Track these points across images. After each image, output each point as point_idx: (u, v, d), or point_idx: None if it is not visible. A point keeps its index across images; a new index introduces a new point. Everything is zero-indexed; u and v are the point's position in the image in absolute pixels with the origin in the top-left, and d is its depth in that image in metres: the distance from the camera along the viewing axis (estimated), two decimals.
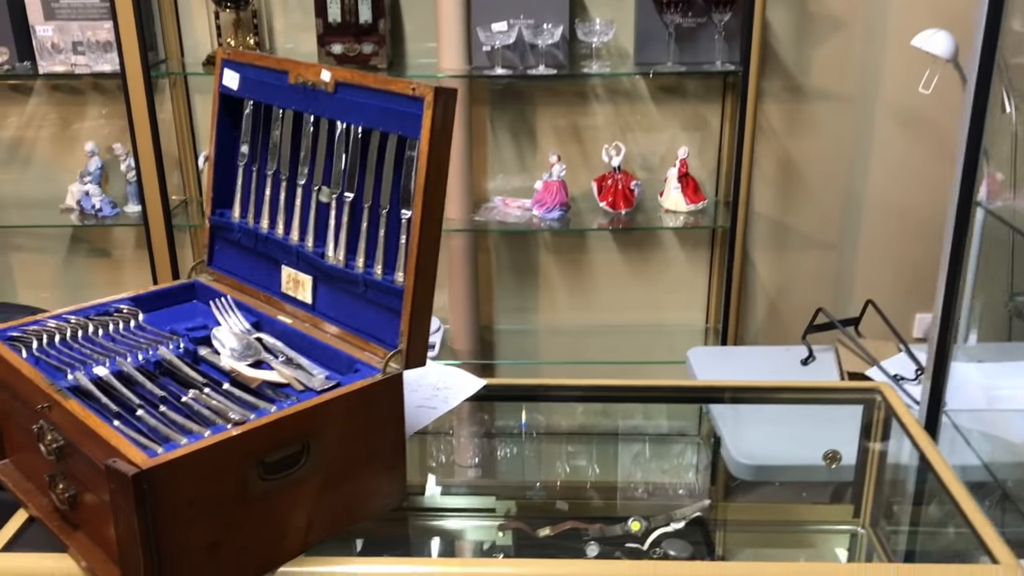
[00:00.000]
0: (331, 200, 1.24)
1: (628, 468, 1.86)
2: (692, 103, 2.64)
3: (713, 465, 1.70)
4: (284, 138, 1.29)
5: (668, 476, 1.72)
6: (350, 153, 1.20)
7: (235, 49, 1.34)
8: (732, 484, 1.68)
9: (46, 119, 2.71)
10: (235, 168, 1.39)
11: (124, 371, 1.15)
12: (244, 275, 1.38)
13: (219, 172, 1.40)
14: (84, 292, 2.89)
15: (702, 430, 1.74)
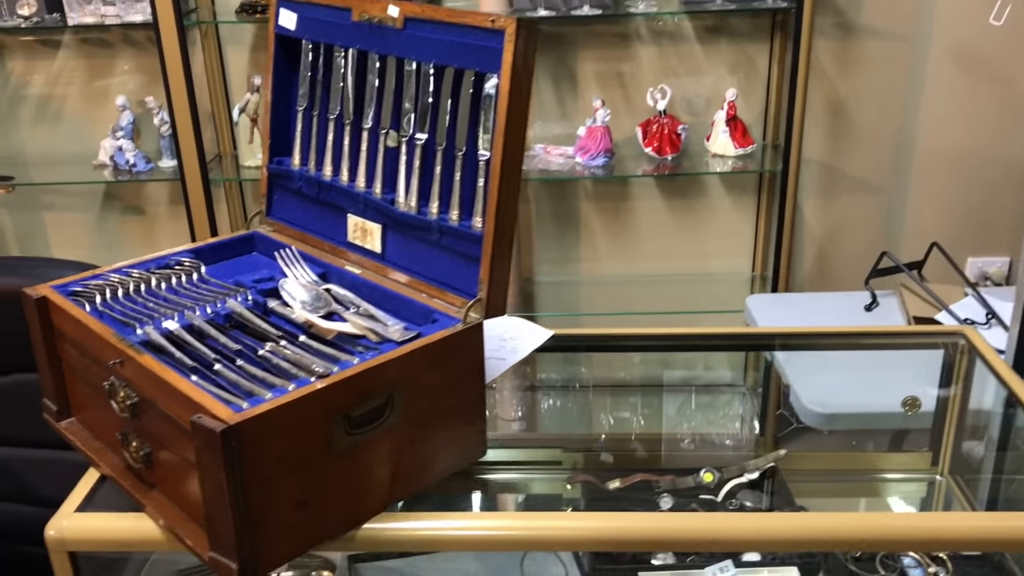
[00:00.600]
0: (399, 144, 1.18)
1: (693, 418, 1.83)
2: (739, 43, 2.56)
3: (782, 414, 1.65)
4: (347, 80, 1.23)
5: (735, 426, 1.69)
6: (421, 93, 1.14)
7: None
8: (803, 433, 1.63)
9: (75, 73, 2.66)
10: (293, 113, 1.33)
11: (194, 325, 1.11)
12: (306, 224, 1.33)
13: (276, 118, 1.34)
14: (118, 249, 2.85)
15: (769, 378, 1.70)
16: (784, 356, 1.68)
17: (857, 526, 1.04)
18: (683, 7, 2.39)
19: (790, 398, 1.63)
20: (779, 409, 1.64)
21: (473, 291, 1.10)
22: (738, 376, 1.82)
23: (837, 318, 1.87)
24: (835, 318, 1.87)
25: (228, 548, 0.93)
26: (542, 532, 1.08)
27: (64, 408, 1.22)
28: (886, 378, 1.55)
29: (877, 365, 1.61)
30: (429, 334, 1.06)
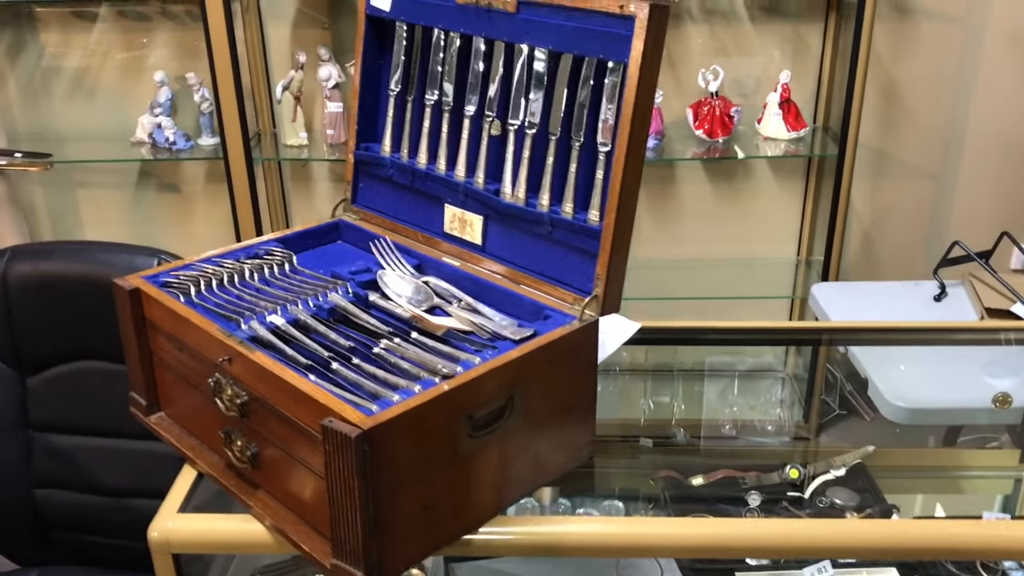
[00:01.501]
0: (503, 132, 1.14)
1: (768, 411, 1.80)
2: (792, 22, 2.51)
3: (862, 408, 1.62)
4: (448, 64, 1.18)
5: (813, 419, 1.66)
6: (533, 80, 1.10)
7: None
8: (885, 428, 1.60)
9: (111, 47, 2.59)
10: (384, 98, 1.28)
11: (300, 319, 1.07)
12: (396, 213, 1.29)
13: (365, 102, 1.30)
14: (154, 228, 2.80)
15: (844, 371, 1.67)
16: (860, 350, 1.65)
17: (957, 535, 1.01)
18: None
19: (868, 392, 1.60)
20: (857, 403, 1.61)
21: (587, 287, 1.06)
22: (810, 368, 1.79)
23: (907, 309, 1.84)
24: (905, 309, 1.84)
25: (353, 555, 0.90)
26: (644, 539, 1.05)
27: (153, 402, 1.18)
28: (969, 373, 1.52)
29: (958, 359, 1.58)
30: (546, 332, 1.03)
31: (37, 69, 2.62)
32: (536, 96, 1.09)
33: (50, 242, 1.60)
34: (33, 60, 2.60)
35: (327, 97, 2.48)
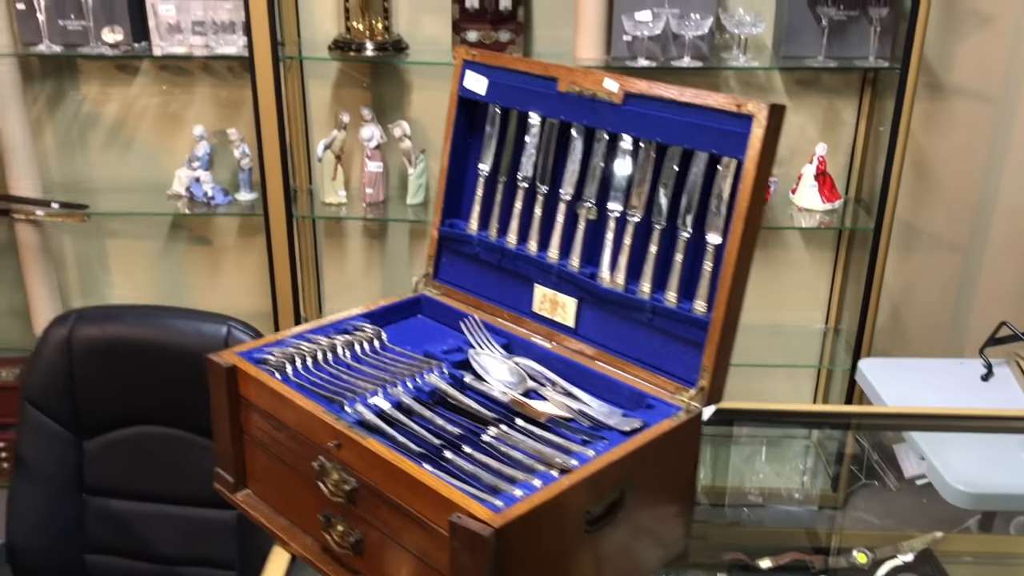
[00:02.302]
0: (601, 217, 1.15)
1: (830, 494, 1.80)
2: (828, 97, 2.55)
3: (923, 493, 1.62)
4: (545, 149, 1.20)
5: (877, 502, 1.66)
6: (637, 169, 1.11)
7: (478, 50, 1.24)
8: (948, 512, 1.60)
9: (150, 101, 2.60)
10: (472, 177, 1.29)
11: (403, 402, 1.06)
12: (481, 291, 1.29)
13: (451, 180, 1.31)
14: (182, 280, 2.79)
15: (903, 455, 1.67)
16: (920, 434, 1.65)
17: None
18: (780, 62, 2.38)
19: (928, 475, 1.60)
20: (920, 488, 1.61)
21: (691, 377, 1.06)
22: (886, 450, 1.79)
23: (955, 388, 1.85)
24: (953, 388, 1.85)
25: None
26: None
27: (241, 479, 1.17)
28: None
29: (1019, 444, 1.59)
30: (653, 423, 1.03)
31: (75, 120, 2.62)
32: (640, 185, 1.11)
33: (117, 306, 1.59)
34: (71, 111, 2.61)
35: (368, 157, 2.49)
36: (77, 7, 2.34)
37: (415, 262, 2.77)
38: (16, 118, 2.46)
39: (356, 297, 2.81)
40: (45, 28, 2.33)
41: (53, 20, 2.35)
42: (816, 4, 2.27)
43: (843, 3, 2.26)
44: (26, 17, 2.36)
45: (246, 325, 1.50)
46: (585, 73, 1.14)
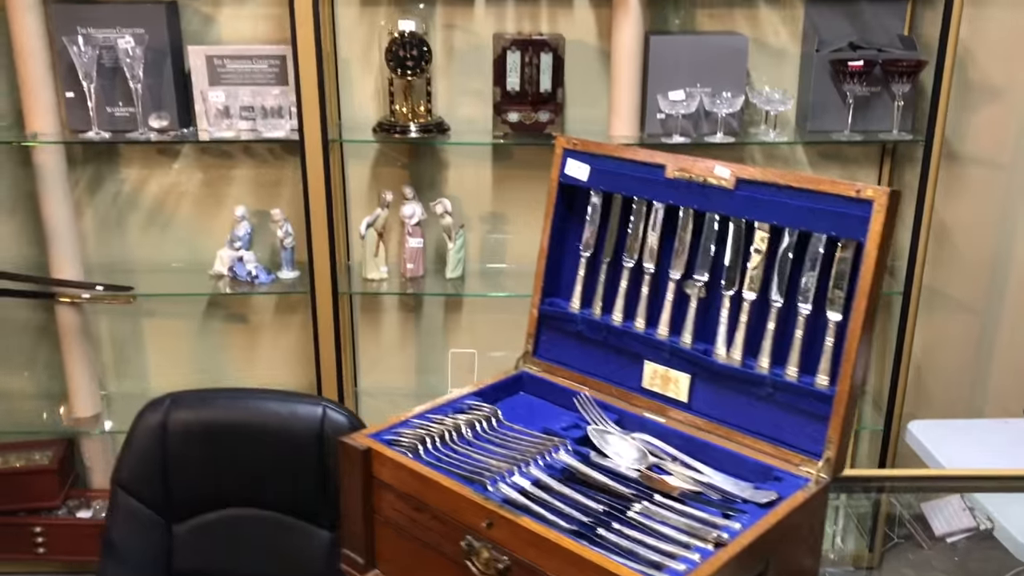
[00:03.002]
0: (707, 295, 1.21)
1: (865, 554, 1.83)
2: (849, 168, 2.65)
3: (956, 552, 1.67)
4: (651, 230, 1.26)
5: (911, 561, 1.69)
6: (748, 249, 1.17)
7: (577, 139, 1.31)
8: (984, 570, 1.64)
9: (190, 183, 2.65)
10: (567, 256, 1.35)
11: (540, 480, 1.10)
12: (585, 367, 1.33)
13: (551, 261, 1.36)
14: (219, 357, 2.81)
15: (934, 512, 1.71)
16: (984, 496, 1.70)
17: None
18: (806, 136, 2.48)
19: (995, 534, 1.65)
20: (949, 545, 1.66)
21: (815, 448, 1.11)
22: (906, 508, 1.84)
23: (1006, 449, 1.91)
24: (1004, 449, 1.91)
25: None
26: None
27: (371, 560, 1.19)
28: None
29: None
30: (787, 494, 1.07)
31: (115, 202, 2.66)
32: (754, 265, 1.16)
33: (211, 389, 1.61)
34: (112, 193, 2.65)
35: (409, 233, 2.55)
36: (126, 95, 2.40)
37: (450, 335, 2.81)
38: (60, 202, 2.49)
39: (391, 370, 2.83)
40: (94, 116, 2.38)
41: (102, 107, 2.40)
42: (841, 81, 2.39)
43: (867, 80, 2.37)
44: (75, 105, 2.41)
45: (339, 405, 1.53)
46: (694, 161, 1.21)
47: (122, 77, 2.38)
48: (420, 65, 2.38)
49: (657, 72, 2.40)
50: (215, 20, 2.50)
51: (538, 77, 2.36)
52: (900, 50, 2.41)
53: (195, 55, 2.40)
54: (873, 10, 2.47)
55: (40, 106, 2.40)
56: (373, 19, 2.51)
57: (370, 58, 2.54)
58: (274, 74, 2.43)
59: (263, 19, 2.50)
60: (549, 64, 2.35)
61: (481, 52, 2.53)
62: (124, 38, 2.31)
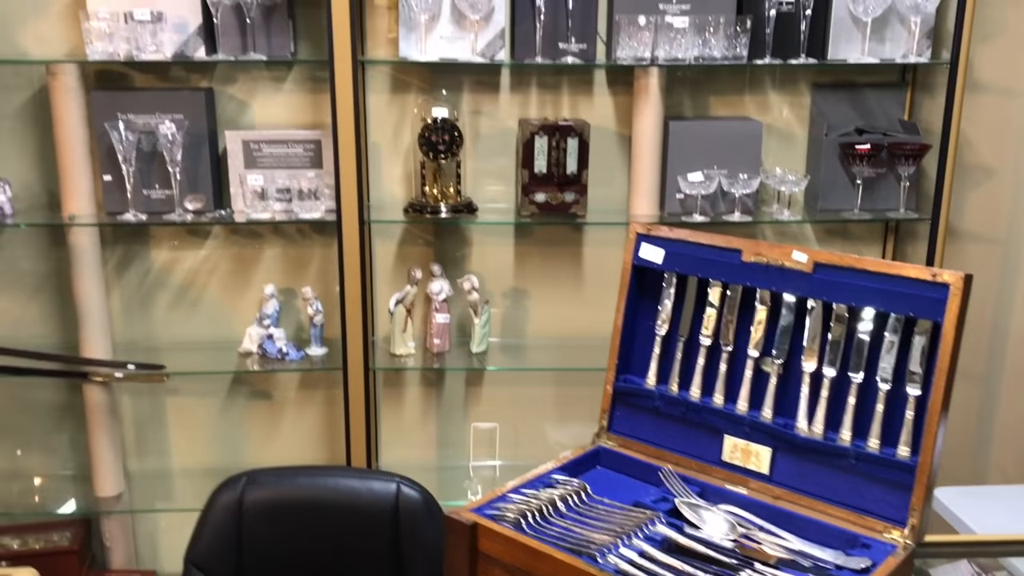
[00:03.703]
0: (784, 371, 1.28)
1: None
2: (855, 244, 2.78)
3: None
4: (728, 310, 1.34)
5: None
6: (826, 328, 1.25)
7: (651, 224, 1.39)
8: None
9: (219, 262, 2.70)
10: (642, 335, 1.42)
11: (645, 551, 1.15)
12: (663, 442, 1.40)
13: (625, 339, 1.43)
14: (241, 433, 2.82)
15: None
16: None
17: None
18: (817, 215, 2.60)
19: None
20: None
21: (899, 516, 1.18)
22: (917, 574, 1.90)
23: None
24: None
25: None
26: None
27: None
28: None
29: None
30: (879, 561, 1.13)
31: (144, 281, 2.70)
32: (833, 344, 1.25)
33: (286, 467, 1.64)
34: (141, 272, 2.69)
35: (436, 309, 2.61)
36: (162, 177, 2.46)
37: (471, 408, 2.86)
38: (93, 281, 2.52)
39: (413, 445, 2.86)
40: (131, 198, 2.43)
41: (138, 190, 2.46)
42: (849, 164, 2.52)
43: (873, 162, 2.51)
44: (112, 188, 2.46)
45: (412, 482, 1.57)
46: (770, 246, 1.30)
47: (159, 160, 2.45)
48: (451, 149, 2.47)
49: (676, 155, 2.52)
50: (249, 106, 2.59)
51: (564, 160, 2.47)
52: (903, 134, 2.55)
53: (232, 140, 2.48)
54: (875, 96, 2.62)
55: (78, 188, 2.45)
56: (403, 106, 2.61)
57: (398, 142, 2.64)
58: (308, 158, 2.51)
59: (295, 105, 2.59)
60: (575, 148, 2.46)
61: (505, 136, 2.64)
62: (164, 123, 2.38)
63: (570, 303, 2.80)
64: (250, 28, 2.37)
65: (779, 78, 2.65)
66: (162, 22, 2.34)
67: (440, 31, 2.43)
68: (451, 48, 2.45)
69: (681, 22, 2.34)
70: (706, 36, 2.37)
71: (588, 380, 2.86)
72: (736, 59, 2.40)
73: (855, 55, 2.45)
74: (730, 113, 2.68)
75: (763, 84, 2.66)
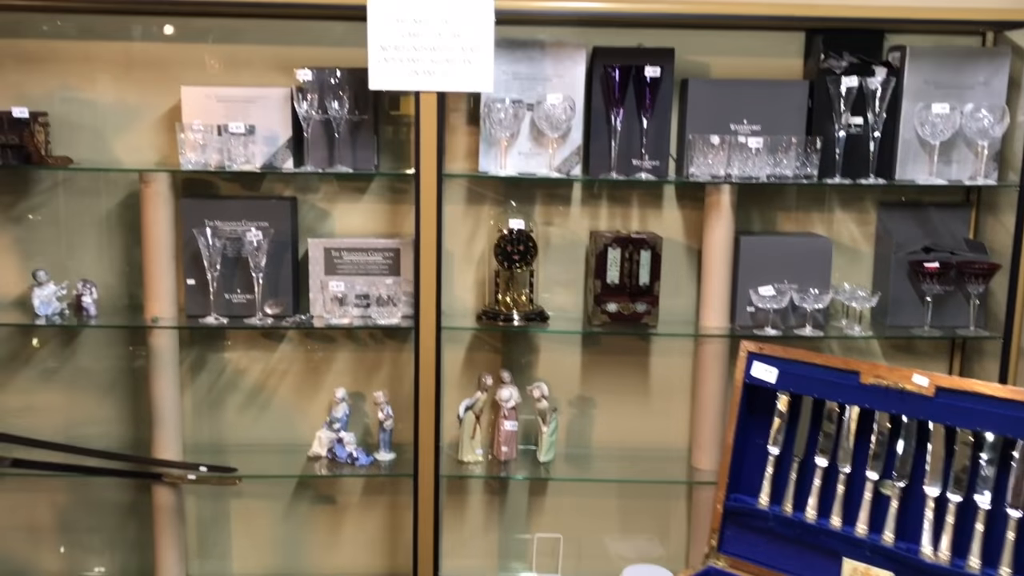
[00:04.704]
0: (905, 495, 1.29)
1: None
2: (921, 360, 2.78)
3: None
4: (844, 432, 1.35)
5: None
6: (948, 452, 1.26)
7: (764, 344, 1.42)
8: None
9: (291, 365, 2.74)
10: (753, 454, 1.44)
11: None
12: (776, 563, 1.39)
13: (736, 458, 1.45)
14: (304, 535, 2.81)
15: None
16: None
17: None
18: (887, 331, 2.62)
19: None
20: None
21: None
22: None
23: None
24: None
25: None
26: None
27: None
28: None
29: None
30: None
31: (216, 382, 2.73)
32: (957, 468, 1.25)
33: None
34: (214, 373, 2.73)
35: (505, 416, 2.63)
36: (245, 282, 2.52)
37: (534, 518, 2.83)
38: (169, 382, 2.56)
39: (474, 554, 2.84)
40: (213, 302, 2.49)
41: (220, 294, 2.52)
42: (919, 281, 2.56)
43: (942, 280, 2.54)
44: (195, 291, 2.53)
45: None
46: (889, 369, 1.32)
47: (241, 265, 2.52)
48: (526, 259, 2.53)
49: (747, 268, 2.57)
50: (329, 214, 2.67)
51: (637, 271, 2.51)
52: (970, 253, 2.59)
53: (314, 247, 2.55)
54: (940, 215, 2.67)
55: (161, 291, 2.52)
56: (475, 215, 2.68)
57: (470, 250, 2.70)
58: (387, 265, 2.57)
59: (374, 214, 2.67)
60: (648, 260, 2.51)
61: (575, 246, 2.70)
62: (251, 231, 2.45)
63: (636, 413, 2.81)
64: (337, 142, 2.47)
65: (845, 196, 2.72)
66: (253, 135, 2.44)
67: (519, 147, 2.52)
68: (528, 164, 2.54)
69: (756, 142, 2.42)
70: (778, 156, 2.45)
71: (653, 492, 2.85)
72: (807, 178, 2.46)
73: (923, 176, 2.52)
74: (796, 228, 2.73)
75: (829, 201, 2.73)
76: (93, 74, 2.58)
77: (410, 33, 2.25)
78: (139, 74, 2.58)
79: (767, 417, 1.43)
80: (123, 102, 2.59)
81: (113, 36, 2.57)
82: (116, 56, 2.58)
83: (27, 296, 2.55)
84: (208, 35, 2.58)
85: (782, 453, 1.40)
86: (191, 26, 2.58)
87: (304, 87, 2.41)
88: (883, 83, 2.43)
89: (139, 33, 2.57)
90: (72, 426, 2.71)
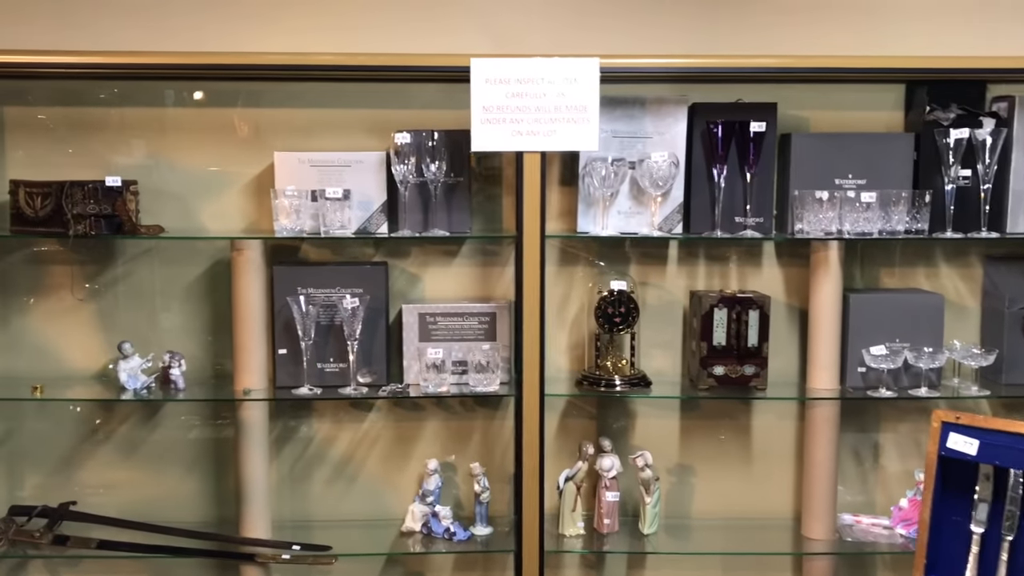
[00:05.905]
0: None
1: None
2: None
3: None
4: None
5: None
6: None
7: (961, 413, 1.33)
8: None
9: (380, 435, 2.65)
10: (948, 530, 1.33)
11: None
12: None
13: (934, 534, 1.34)
14: None
15: None
16: None
17: None
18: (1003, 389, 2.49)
19: None
20: None
21: None
22: None
23: None
24: None
25: None
26: None
27: None
28: None
29: None
30: None
31: (303, 454, 2.64)
32: None
33: None
34: (301, 445, 2.64)
35: (606, 487, 2.52)
36: (336, 351, 2.44)
37: None
38: (258, 457, 2.47)
39: None
40: (307, 371, 2.41)
41: (313, 363, 2.44)
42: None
43: None
44: (286, 361, 2.45)
45: None
46: None
47: (334, 334, 2.44)
48: (627, 321, 2.45)
49: (856, 327, 2.47)
50: (420, 279, 2.60)
51: (746, 332, 2.42)
52: None
53: (409, 312, 2.47)
54: None
55: (252, 362, 2.44)
56: (569, 277, 2.61)
57: (564, 312, 2.62)
58: (483, 330, 2.49)
59: (466, 278, 2.60)
60: (756, 320, 2.42)
61: (672, 307, 2.62)
62: (347, 298, 2.38)
63: (737, 479, 2.69)
64: (433, 205, 2.41)
65: (950, 250, 2.63)
66: (349, 199, 2.38)
67: (618, 206, 2.46)
68: (628, 223, 2.47)
69: (868, 196, 2.34)
70: (888, 210, 2.37)
71: (756, 564, 2.71)
72: (918, 232, 2.38)
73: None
74: (899, 284, 2.65)
75: (934, 256, 2.64)
76: (179, 141, 2.54)
77: (514, 94, 2.20)
78: (223, 140, 2.54)
79: (965, 492, 1.32)
80: (208, 168, 2.55)
81: (195, 104, 2.53)
82: (198, 122, 2.54)
83: (107, 368, 2.48)
84: (296, 100, 2.54)
85: (994, 530, 1.29)
86: (281, 89, 2.54)
87: (401, 150, 2.35)
88: (992, 134, 2.37)
89: (227, 99, 2.54)
90: (153, 503, 2.61)
